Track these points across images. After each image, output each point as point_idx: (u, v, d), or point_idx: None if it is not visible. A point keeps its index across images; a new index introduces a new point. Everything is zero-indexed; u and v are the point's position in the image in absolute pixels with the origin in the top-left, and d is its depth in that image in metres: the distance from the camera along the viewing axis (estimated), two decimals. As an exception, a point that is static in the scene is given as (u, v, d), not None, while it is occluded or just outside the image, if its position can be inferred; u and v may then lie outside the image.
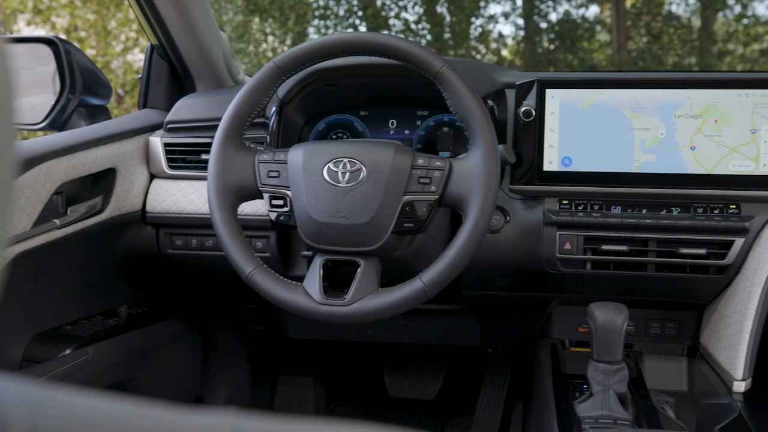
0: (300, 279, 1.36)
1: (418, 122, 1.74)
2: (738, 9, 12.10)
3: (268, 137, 1.63)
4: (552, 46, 12.25)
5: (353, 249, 1.32)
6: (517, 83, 1.56)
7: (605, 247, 1.53)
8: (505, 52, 12.70)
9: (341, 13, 12.12)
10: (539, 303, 1.72)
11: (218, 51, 1.89)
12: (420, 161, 1.31)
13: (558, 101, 1.53)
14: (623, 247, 1.52)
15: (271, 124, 1.63)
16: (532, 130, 1.54)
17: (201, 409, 0.35)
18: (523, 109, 1.54)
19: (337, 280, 1.38)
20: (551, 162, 1.54)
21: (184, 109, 1.77)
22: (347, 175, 1.31)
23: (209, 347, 2.15)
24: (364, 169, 1.31)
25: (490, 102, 1.57)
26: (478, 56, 12.13)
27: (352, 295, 1.30)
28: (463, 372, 2.34)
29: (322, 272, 1.33)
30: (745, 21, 11.92)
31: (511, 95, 1.58)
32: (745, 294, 1.46)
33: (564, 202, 1.55)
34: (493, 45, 12.61)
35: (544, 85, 1.54)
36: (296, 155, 1.35)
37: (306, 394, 2.29)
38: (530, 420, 1.82)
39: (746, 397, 1.39)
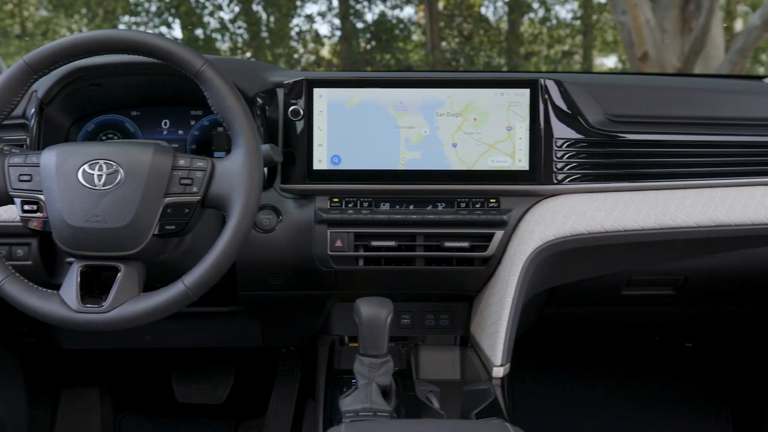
0: None
1: (192, 122, 1.71)
2: (542, 12, 12.78)
3: (28, 139, 1.55)
4: (369, 46, 12.44)
5: (112, 254, 1.28)
6: (285, 82, 1.57)
7: (375, 243, 1.56)
8: (324, 52, 12.78)
9: (153, 9, 11.73)
10: (316, 301, 1.73)
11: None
12: (181, 162, 1.29)
13: (326, 100, 1.55)
14: (392, 243, 1.56)
15: (30, 125, 1.54)
16: (302, 129, 1.55)
17: None
18: (291, 108, 1.55)
19: (98, 287, 1.34)
20: (321, 161, 1.56)
21: None
22: (104, 177, 1.27)
23: None
24: (121, 170, 1.27)
25: (260, 101, 1.57)
26: (296, 56, 12.12)
27: (111, 302, 1.26)
28: (253, 373, 2.32)
29: (79, 279, 1.29)
30: (548, 24, 12.60)
31: (282, 94, 1.59)
32: (504, 284, 1.54)
33: (335, 200, 1.57)
34: (312, 45, 12.65)
35: (312, 84, 1.55)
36: (49, 157, 1.29)
37: (91, 407, 2.20)
38: None
39: (503, 382, 1.47)
